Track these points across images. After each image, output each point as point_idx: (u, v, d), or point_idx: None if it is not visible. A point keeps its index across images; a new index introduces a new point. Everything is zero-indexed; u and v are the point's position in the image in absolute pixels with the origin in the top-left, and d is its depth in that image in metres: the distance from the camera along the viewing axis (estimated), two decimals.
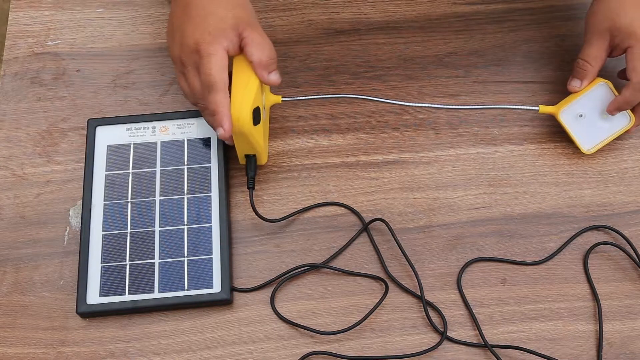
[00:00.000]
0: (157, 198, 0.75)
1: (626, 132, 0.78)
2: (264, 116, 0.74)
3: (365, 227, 0.75)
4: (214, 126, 0.70)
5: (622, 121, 0.77)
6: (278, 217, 0.75)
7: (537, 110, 0.77)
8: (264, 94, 0.74)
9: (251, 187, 0.74)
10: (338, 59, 0.84)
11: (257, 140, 0.71)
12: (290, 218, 0.75)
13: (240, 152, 0.74)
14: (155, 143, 0.77)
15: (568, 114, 0.77)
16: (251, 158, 0.74)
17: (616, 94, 0.76)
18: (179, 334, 0.71)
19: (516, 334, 0.71)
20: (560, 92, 0.82)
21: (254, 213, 0.73)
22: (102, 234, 0.73)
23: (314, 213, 0.76)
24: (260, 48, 0.69)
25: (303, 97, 0.76)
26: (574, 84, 0.76)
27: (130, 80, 0.82)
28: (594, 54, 0.75)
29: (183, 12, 0.70)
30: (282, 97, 0.75)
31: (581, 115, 0.77)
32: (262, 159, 0.75)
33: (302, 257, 0.74)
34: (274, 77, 0.70)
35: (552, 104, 0.81)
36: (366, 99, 0.77)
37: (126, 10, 0.86)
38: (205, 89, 0.68)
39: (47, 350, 0.70)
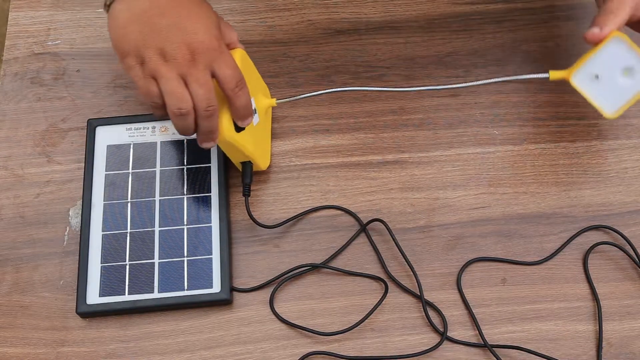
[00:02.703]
0: (157, 198, 0.75)
1: None
2: (256, 121, 0.72)
3: (363, 229, 0.75)
4: (207, 140, 0.67)
5: None
6: (277, 218, 0.75)
7: (548, 77, 0.70)
8: (253, 99, 0.72)
9: (247, 195, 0.73)
10: (338, 59, 0.84)
11: (245, 147, 0.70)
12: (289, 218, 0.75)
13: (233, 159, 0.73)
14: (155, 143, 0.77)
15: (582, 76, 0.69)
16: (247, 165, 0.74)
17: (635, 47, 0.67)
18: (179, 334, 0.71)
19: (516, 334, 0.71)
20: (560, 92, 0.82)
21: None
22: (102, 234, 0.73)
23: (314, 213, 0.76)
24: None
25: (297, 97, 0.75)
26: (594, 30, 0.67)
27: (130, 80, 0.82)
28: (618, 3, 0.67)
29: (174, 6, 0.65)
30: (277, 100, 0.74)
31: (597, 77, 0.69)
32: (260, 165, 0.75)
33: (302, 257, 0.74)
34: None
35: (552, 104, 0.81)
36: (359, 90, 0.75)
37: None
38: (210, 97, 0.64)
39: (47, 350, 0.70)
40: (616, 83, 0.69)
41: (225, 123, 0.67)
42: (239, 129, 0.69)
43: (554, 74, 0.70)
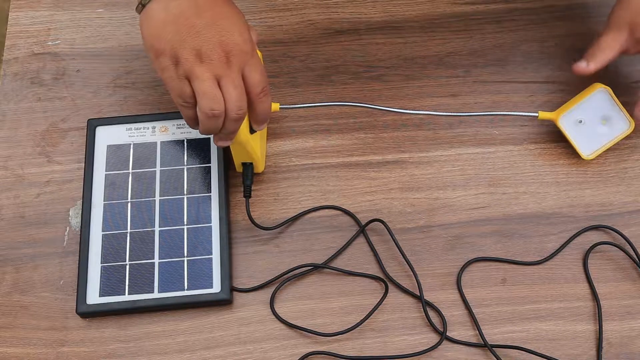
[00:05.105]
0: (157, 198, 0.75)
1: (625, 137, 0.77)
2: None
3: (362, 230, 0.75)
4: (225, 140, 0.67)
5: (622, 126, 0.77)
6: (277, 218, 0.75)
7: (537, 116, 0.76)
8: None
9: (247, 196, 0.74)
10: (338, 59, 0.84)
11: (254, 149, 0.71)
12: (289, 218, 0.75)
13: (237, 159, 0.74)
14: (155, 143, 0.77)
15: (567, 119, 0.77)
16: (248, 166, 0.74)
17: (616, 100, 0.76)
18: (179, 334, 0.71)
19: (516, 334, 0.71)
20: (560, 92, 0.82)
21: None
22: (102, 234, 0.73)
23: (314, 213, 0.76)
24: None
25: (301, 105, 0.75)
26: (581, 64, 0.75)
27: (130, 80, 0.82)
28: (608, 43, 0.74)
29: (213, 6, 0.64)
30: (280, 105, 0.74)
31: (581, 121, 0.77)
32: (259, 167, 0.75)
33: (302, 257, 0.74)
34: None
35: (552, 104, 0.81)
36: (364, 106, 0.76)
37: (126, 10, 0.86)
38: (242, 100, 0.64)
39: (47, 350, 0.70)
40: (595, 129, 0.77)
41: (244, 125, 0.67)
42: (252, 131, 0.69)
43: (543, 115, 0.77)
